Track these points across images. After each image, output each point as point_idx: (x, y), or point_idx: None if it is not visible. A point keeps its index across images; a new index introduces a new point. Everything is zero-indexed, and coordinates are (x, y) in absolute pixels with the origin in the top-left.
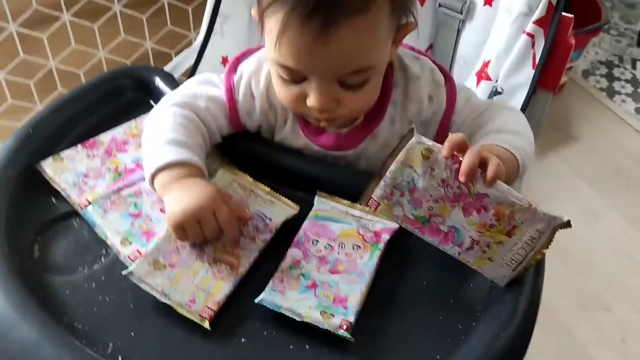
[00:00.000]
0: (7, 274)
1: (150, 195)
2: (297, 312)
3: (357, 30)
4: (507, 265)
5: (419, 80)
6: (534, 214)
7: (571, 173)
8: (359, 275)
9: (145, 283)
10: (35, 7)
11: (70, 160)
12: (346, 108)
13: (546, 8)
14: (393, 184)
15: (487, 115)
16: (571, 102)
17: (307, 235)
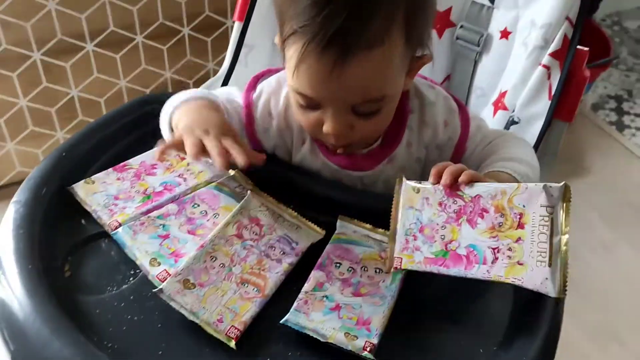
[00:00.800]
0: (41, 293)
1: (178, 217)
2: (321, 333)
3: (372, 62)
4: (539, 262)
5: (435, 106)
6: (527, 189)
7: (583, 205)
8: (381, 298)
9: (174, 301)
10: (60, 37)
11: (101, 183)
12: (360, 134)
13: (562, 41)
14: (404, 232)
15: (496, 144)
16: (582, 135)
17: (330, 258)
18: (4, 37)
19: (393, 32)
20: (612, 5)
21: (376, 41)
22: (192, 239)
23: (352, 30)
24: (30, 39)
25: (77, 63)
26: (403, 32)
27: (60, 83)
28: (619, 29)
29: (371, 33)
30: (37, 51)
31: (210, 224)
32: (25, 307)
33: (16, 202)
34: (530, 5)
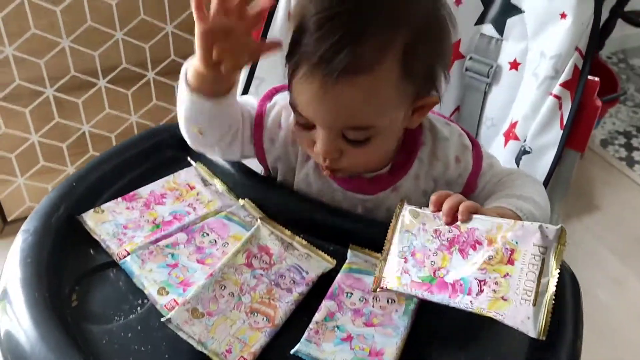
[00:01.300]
0: (47, 321)
1: (187, 246)
2: None
3: (357, 89)
4: (524, 300)
5: (448, 141)
6: (523, 227)
7: (594, 241)
8: (394, 329)
9: (182, 331)
10: (73, 74)
11: (110, 212)
12: (349, 160)
13: (572, 72)
14: (397, 253)
15: (505, 181)
16: (591, 171)
17: (341, 288)
18: (17, 74)
19: (386, 62)
20: (617, 44)
21: (364, 68)
22: (201, 268)
23: (341, 54)
24: (43, 75)
25: (89, 99)
26: (400, 65)
27: (71, 119)
28: (625, 67)
29: (360, 59)
30: (50, 87)
31: (219, 253)
32: (30, 336)
33: (25, 231)
34: (539, 36)
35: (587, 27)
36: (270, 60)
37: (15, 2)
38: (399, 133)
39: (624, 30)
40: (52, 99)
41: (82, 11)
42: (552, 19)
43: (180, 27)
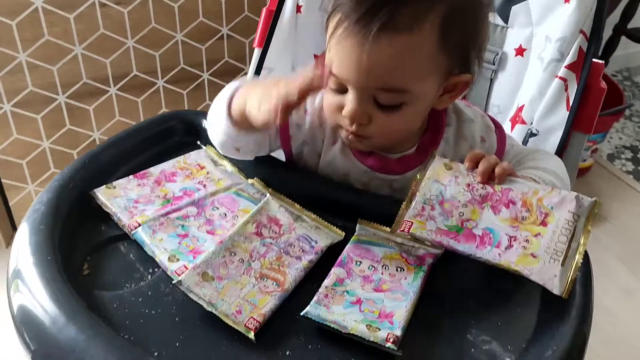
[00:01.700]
0: (59, 282)
1: (197, 218)
2: (342, 325)
3: (396, 48)
4: (553, 259)
5: (473, 122)
6: (560, 195)
7: (603, 252)
8: (403, 294)
9: (193, 292)
10: (85, 80)
11: (121, 188)
12: (376, 128)
13: (577, 54)
14: (423, 200)
15: (527, 157)
16: (598, 184)
17: (350, 257)
18: (30, 80)
19: (425, 25)
20: (622, 62)
21: (405, 27)
22: (211, 238)
23: (383, 12)
24: (56, 82)
25: (99, 106)
26: (437, 32)
27: (82, 126)
28: (630, 84)
29: (401, 18)
30: (62, 94)
31: (229, 225)
32: (41, 296)
33: (38, 202)
34: (543, 21)
35: (590, 10)
36: (279, 49)
37: (30, 9)
38: (426, 110)
39: (628, 49)
40: (63, 105)
41: (94, 19)
42: (556, 4)
43: (189, 35)
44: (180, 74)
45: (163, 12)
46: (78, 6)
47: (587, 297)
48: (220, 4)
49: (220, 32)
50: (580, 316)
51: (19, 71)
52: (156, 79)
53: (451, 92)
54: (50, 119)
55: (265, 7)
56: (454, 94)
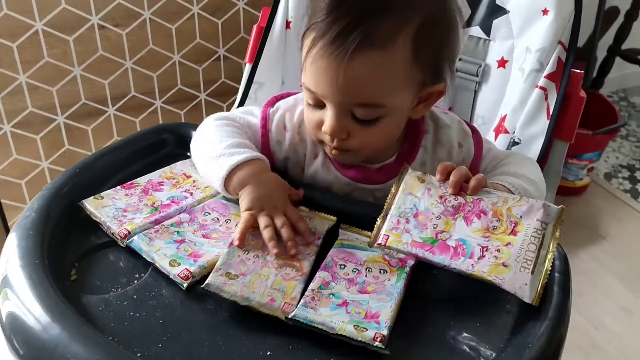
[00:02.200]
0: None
1: (190, 224)
2: (330, 326)
3: (370, 64)
4: (523, 268)
5: (450, 128)
6: (528, 203)
7: (602, 271)
8: (388, 295)
9: (224, 292)
10: (84, 101)
11: (109, 198)
12: (356, 142)
13: (556, 64)
14: (398, 213)
15: (503, 162)
16: (596, 203)
17: (334, 260)
18: (30, 101)
19: (398, 41)
20: (618, 83)
21: (379, 44)
22: (208, 242)
23: (357, 30)
24: (55, 103)
25: (98, 126)
26: (410, 46)
27: (81, 146)
28: (626, 104)
29: (375, 36)
30: (61, 115)
31: (223, 228)
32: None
33: (28, 209)
34: (524, 33)
35: (568, 21)
36: (268, 65)
37: (30, 32)
38: (404, 120)
39: (623, 70)
40: (62, 126)
41: (93, 41)
42: (535, 16)
43: (187, 57)
44: (178, 94)
45: (160, 34)
46: (77, 28)
47: (564, 297)
48: (216, 26)
49: (216, 53)
50: (556, 317)
51: (19, 92)
52: (154, 100)
53: (426, 102)
54: (49, 139)
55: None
56: (429, 103)
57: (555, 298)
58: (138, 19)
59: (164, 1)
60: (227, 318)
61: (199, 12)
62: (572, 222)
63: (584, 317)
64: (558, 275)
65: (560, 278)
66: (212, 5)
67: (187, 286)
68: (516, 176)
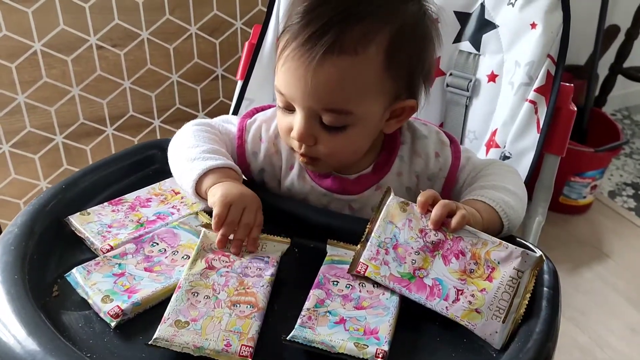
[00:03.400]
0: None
1: (135, 256)
2: (330, 345)
3: (339, 69)
4: (495, 316)
5: (427, 138)
6: (507, 250)
7: (606, 289)
8: (384, 309)
9: (175, 344)
10: (82, 121)
11: (96, 214)
12: (323, 149)
13: (545, 78)
14: (378, 242)
15: (483, 173)
16: (600, 221)
17: (326, 277)
18: (28, 121)
19: (370, 49)
20: (621, 101)
21: (349, 50)
22: (149, 275)
23: (329, 35)
24: (53, 122)
25: (96, 146)
26: (383, 56)
27: (79, 165)
28: (630, 123)
29: (346, 41)
30: (60, 134)
31: (168, 260)
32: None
33: (12, 225)
34: (513, 47)
35: (557, 35)
36: (259, 81)
37: (29, 52)
38: (374, 132)
39: (626, 88)
40: (61, 145)
41: (92, 61)
42: (524, 30)
43: (185, 76)
44: (176, 113)
45: (159, 54)
46: (75, 49)
47: (552, 312)
48: (214, 46)
49: (215, 72)
50: (544, 331)
51: (17, 112)
52: (152, 119)
53: (398, 117)
54: (48, 159)
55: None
56: (401, 119)
57: (544, 313)
58: (136, 39)
59: (162, 21)
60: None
61: (196, 32)
62: (576, 241)
63: (588, 336)
64: (547, 289)
65: (549, 292)
66: (210, 26)
67: (116, 325)
68: (496, 189)
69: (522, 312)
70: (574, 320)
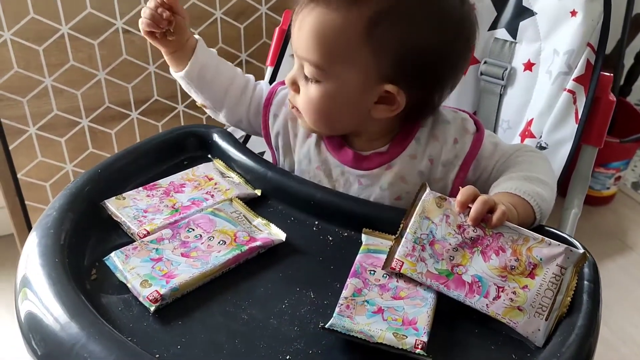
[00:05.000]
0: (64, 282)
1: (172, 241)
2: (369, 335)
3: (321, 22)
4: (538, 314)
5: (449, 124)
6: (550, 246)
7: (630, 282)
8: (422, 300)
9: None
10: (107, 105)
11: (131, 199)
12: (300, 100)
13: (584, 67)
14: (414, 239)
15: (513, 159)
16: (624, 213)
17: (363, 266)
18: (55, 104)
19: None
20: None
21: (334, 7)
22: (185, 261)
23: None
24: (80, 106)
25: (121, 130)
26: (365, 23)
27: (104, 149)
28: None
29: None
30: (86, 118)
31: (204, 247)
32: (47, 296)
33: (50, 208)
34: (551, 36)
35: (597, 23)
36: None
37: (56, 35)
38: (353, 106)
39: None
40: (86, 129)
41: (118, 45)
42: (563, 17)
43: None
44: None
45: None
46: (102, 32)
47: (594, 306)
48: (239, 30)
49: (239, 57)
50: (586, 326)
51: (44, 95)
52: (176, 104)
53: (390, 106)
54: (74, 142)
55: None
56: (393, 109)
57: (585, 307)
58: None
59: (188, 5)
60: (245, 321)
61: (222, 16)
62: (599, 233)
63: (611, 330)
64: (587, 283)
65: (589, 286)
66: (235, 10)
67: (155, 310)
68: (530, 180)
69: (564, 310)
70: None
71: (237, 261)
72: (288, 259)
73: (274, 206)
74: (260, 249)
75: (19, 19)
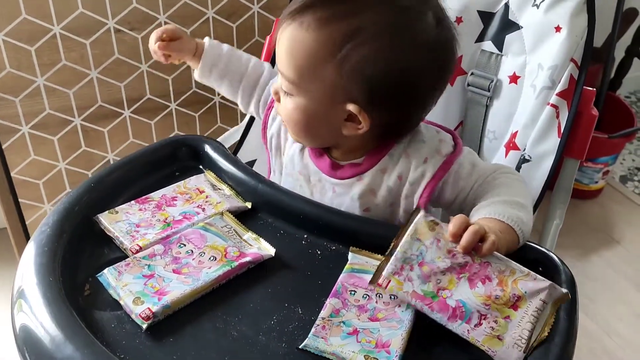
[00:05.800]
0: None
1: (163, 257)
2: (340, 357)
3: (293, 39)
4: (517, 345)
5: (423, 143)
6: (535, 281)
7: (616, 276)
8: (398, 322)
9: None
10: (100, 103)
11: (124, 213)
12: (281, 109)
13: (568, 82)
14: (403, 258)
15: (491, 181)
16: (611, 206)
17: (344, 286)
18: (47, 103)
19: (324, 31)
20: (635, 84)
21: (307, 26)
22: (177, 277)
23: (303, 12)
24: (72, 105)
25: (114, 128)
26: (335, 44)
27: (97, 147)
28: None
29: (308, 19)
30: (78, 117)
31: (195, 262)
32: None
33: (44, 224)
34: (537, 50)
35: (581, 39)
36: None
37: (48, 35)
38: (322, 121)
39: None
40: (79, 127)
41: (110, 44)
42: (548, 32)
43: None
44: (192, 97)
45: None
46: (94, 32)
47: (570, 324)
48: (231, 29)
49: None
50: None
51: (37, 94)
52: (169, 102)
53: (356, 125)
54: (66, 140)
55: None
56: (359, 128)
57: (562, 323)
58: (154, 23)
59: (180, 5)
60: (235, 338)
61: (214, 16)
62: (586, 226)
63: (596, 324)
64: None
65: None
66: (227, 10)
67: (147, 327)
68: (510, 205)
69: (537, 345)
70: (582, 307)
71: (228, 277)
72: (277, 273)
73: (264, 219)
74: (250, 264)
75: (11, 19)
